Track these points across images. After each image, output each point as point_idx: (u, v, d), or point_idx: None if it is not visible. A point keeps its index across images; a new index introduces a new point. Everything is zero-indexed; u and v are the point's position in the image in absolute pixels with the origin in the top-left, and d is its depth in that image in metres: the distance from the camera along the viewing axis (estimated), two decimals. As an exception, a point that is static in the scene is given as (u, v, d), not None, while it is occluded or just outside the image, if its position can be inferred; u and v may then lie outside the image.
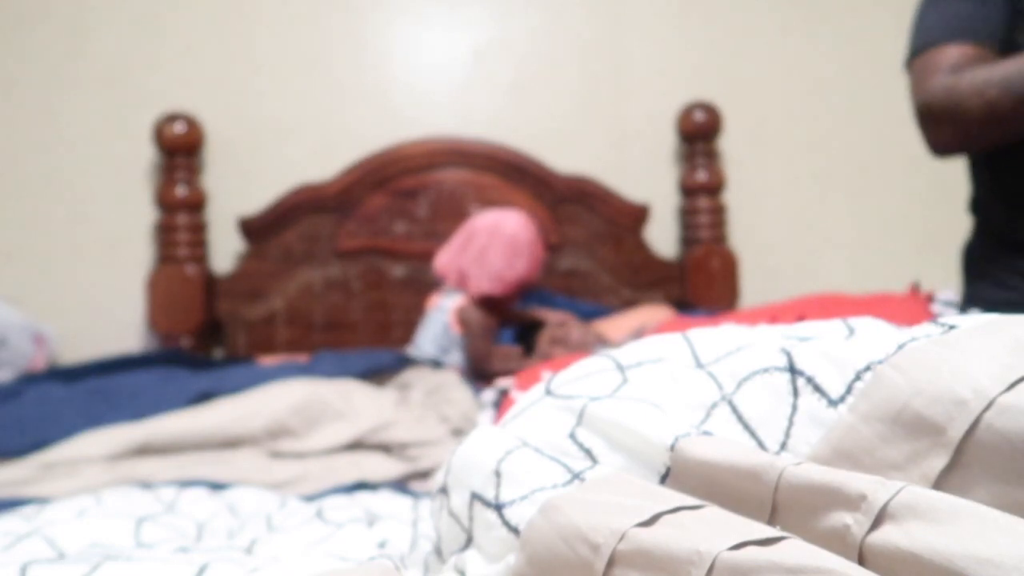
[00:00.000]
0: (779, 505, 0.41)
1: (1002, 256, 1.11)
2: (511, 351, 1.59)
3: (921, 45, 1.09)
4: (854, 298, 1.19)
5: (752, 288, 2.14)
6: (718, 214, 2.08)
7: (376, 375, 1.50)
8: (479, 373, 1.56)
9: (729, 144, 2.16)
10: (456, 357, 1.64)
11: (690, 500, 0.43)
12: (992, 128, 1.01)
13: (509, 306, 1.67)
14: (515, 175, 2.04)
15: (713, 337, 0.63)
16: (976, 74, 1.01)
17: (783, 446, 0.49)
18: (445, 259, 1.69)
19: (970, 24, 1.06)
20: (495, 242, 1.61)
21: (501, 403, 1.17)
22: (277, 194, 1.98)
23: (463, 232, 1.68)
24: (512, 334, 1.68)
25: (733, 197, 2.13)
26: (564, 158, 2.10)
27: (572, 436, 0.56)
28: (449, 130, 2.07)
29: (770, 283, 2.16)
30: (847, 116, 2.23)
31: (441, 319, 1.68)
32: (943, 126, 1.05)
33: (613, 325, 1.76)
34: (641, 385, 0.59)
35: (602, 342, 1.50)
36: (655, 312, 1.89)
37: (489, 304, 1.62)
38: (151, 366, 1.49)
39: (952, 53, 1.06)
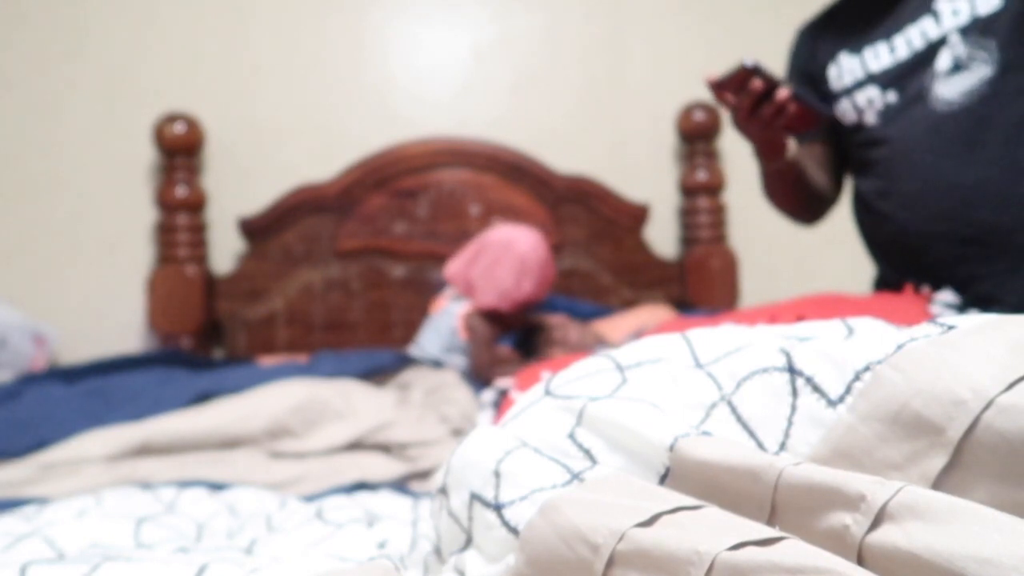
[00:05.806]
0: (778, 505, 0.41)
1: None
2: (511, 356, 1.58)
3: None
4: (854, 298, 1.19)
5: (752, 288, 2.14)
6: (718, 214, 2.08)
7: (376, 375, 1.50)
8: (480, 379, 1.56)
9: (729, 144, 2.15)
10: (459, 360, 1.64)
11: (689, 500, 0.43)
12: (783, 214, 1.40)
13: (513, 322, 1.65)
14: (515, 175, 2.04)
15: (712, 337, 0.63)
16: None
17: (782, 446, 0.49)
18: (455, 268, 1.67)
19: None
20: (505, 259, 1.58)
21: (501, 403, 1.17)
22: (277, 194, 1.98)
23: (476, 243, 1.66)
24: (513, 339, 1.68)
25: (733, 197, 2.13)
26: (564, 158, 2.10)
27: (571, 436, 0.56)
28: (449, 130, 2.07)
29: (770, 283, 2.16)
30: (847, 116, 2.23)
31: (449, 323, 1.68)
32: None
33: (613, 325, 1.76)
34: (640, 385, 0.59)
35: (601, 342, 1.50)
36: (655, 312, 1.89)
37: (493, 317, 1.61)
38: (151, 366, 1.49)
39: None
